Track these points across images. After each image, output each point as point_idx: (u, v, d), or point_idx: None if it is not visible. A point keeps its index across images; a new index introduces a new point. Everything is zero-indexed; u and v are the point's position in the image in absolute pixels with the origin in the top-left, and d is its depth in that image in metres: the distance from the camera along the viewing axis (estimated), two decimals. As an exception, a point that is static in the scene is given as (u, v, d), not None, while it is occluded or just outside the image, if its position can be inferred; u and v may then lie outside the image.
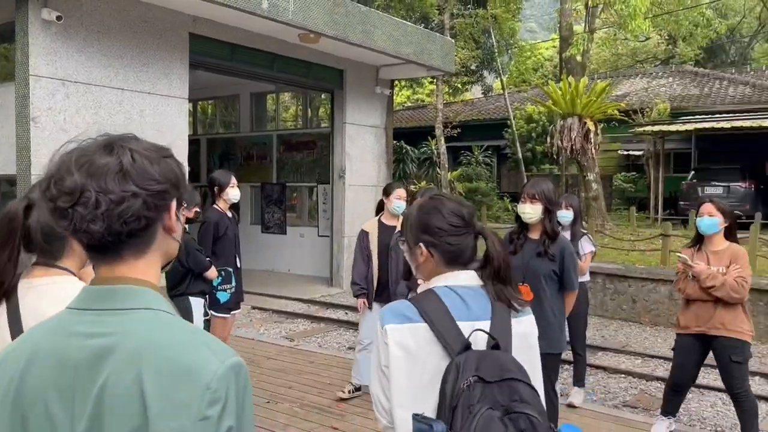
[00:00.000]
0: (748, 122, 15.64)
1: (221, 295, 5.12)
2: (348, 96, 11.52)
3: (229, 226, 5.13)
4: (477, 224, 1.77)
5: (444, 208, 1.78)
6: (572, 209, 5.59)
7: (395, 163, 20.91)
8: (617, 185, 20.75)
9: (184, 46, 8.60)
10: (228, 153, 14.31)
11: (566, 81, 12.85)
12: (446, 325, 1.63)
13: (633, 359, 7.47)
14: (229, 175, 5.19)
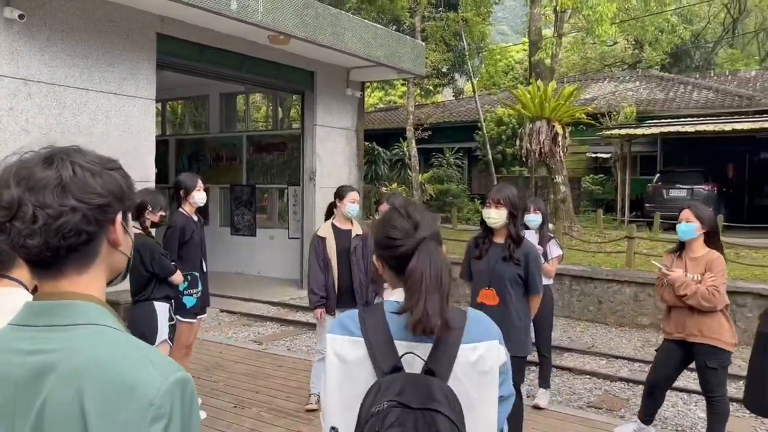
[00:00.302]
0: (711, 126, 16.02)
1: (187, 300, 5.07)
2: (318, 98, 11.49)
3: (195, 230, 5.07)
4: (419, 236, 1.65)
5: (389, 219, 1.73)
6: (540, 213, 5.65)
7: (367, 165, 20.94)
8: (586, 187, 21.05)
9: (151, 47, 8.48)
10: (197, 154, 14.16)
11: (535, 85, 13.01)
12: (381, 343, 1.60)
13: (598, 360, 7.58)
14: (196, 179, 5.13)
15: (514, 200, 3.83)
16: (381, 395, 1.50)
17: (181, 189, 5.03)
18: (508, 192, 3.88)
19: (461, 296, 8.94)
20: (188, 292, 5.05)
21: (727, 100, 19.77)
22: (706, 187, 16.28)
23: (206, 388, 5.89)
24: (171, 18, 8.58)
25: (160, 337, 4.52)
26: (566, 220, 13.21)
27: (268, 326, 9.20)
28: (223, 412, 5.30)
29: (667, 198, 16.55)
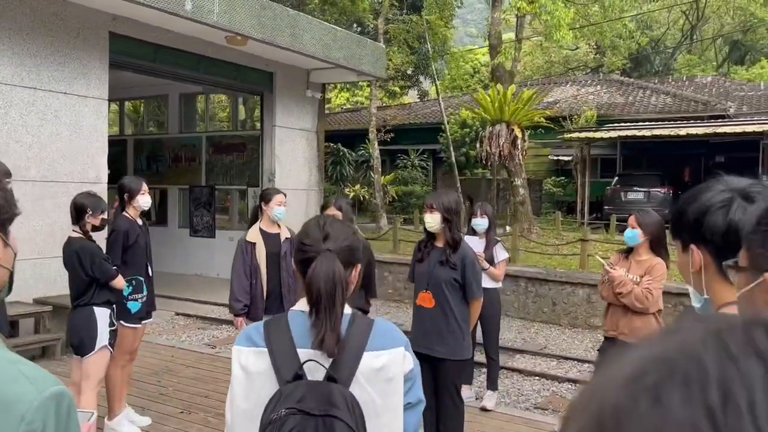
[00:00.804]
0: (667, 131, 16.40)
1: (132, 305, 5.00)
2: (278, 99, 11.44)
3: (140, 234, 5.00)
4: (323, 248, 1.70)
5: (306, 226, 1.80)
6: (487, 217, 5.72)
7: (332, 166, 20.92)
8: (547, 189, 21.37)
9: (103, 46, 8.34)
10: (156, 154, 13.97)
11: (494, 89, 13.15)
12: (284, 352, 1.64)
13: (549, 361, 7.71)
14: (140, 182, 5.05)
15: (448, 205, 3.88)
16: (281, 403, 1.54)
17: (125, 192, 4.96)
18: (444, 198, 3.94)
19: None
20: (133, 297, 4.98)
21: (684, 105, 20.28)
22: (662, 190, 16.68)
23: (154, 393, 5.84)
24: (124, 17, 8.45)
25: (100, 343, 4.46)
26: (525, 222, 13.39)
27: (224, 329, 9.13)
28: (168, 417, 5.25)
29: (624, 200, 16.90)
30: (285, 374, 1.60)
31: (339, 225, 1.80)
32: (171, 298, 10.61)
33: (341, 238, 1.74)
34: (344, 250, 1.72)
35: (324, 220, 1.80)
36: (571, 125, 19.27)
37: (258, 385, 1.63)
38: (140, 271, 5.01)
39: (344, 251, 1.72)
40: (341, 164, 21.32)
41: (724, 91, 22.32)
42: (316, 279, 1.64)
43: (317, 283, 1.64)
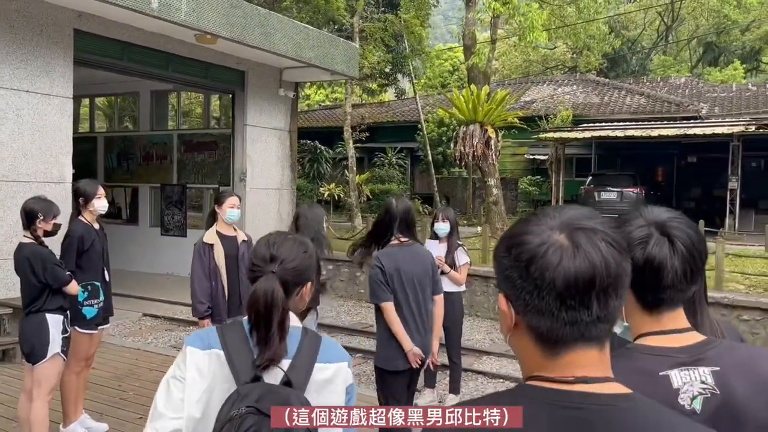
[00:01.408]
0: (640, 132, 16.57)
1: (87, 311, 4.91)
2: (249, 98, 11.36)
3: (96, 239, 4.92)
4: (268, 269, 1.74)
5: (258, 244, 1.83)
6: (449, 222, 5.73)
7: (310, 163, 20.86)
8: (523, 188, 21.49)
9: (67, 43, 8.20)
10: (126, 152, 13.80)
11: (468, 89, 13.18)
12: (242, 356, 1.69)
13: (515, 362, 7.74)
14: (96, 185, 4.97)
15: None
16: (239, 402, 1.59)
17: (80, 196, 4.88)
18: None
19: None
20: (89, 303, 4.90)
21: (658, 105, 20.53)
22: (635, 190, 16.85)
23: (114, 398, 5.77)
24: (89, 14, 8.32)
25: (52, 350, 4.39)
26: (498, 222, 13.45)
27: (191, 331, 9.01)
28: (127, 423, 5.19)
29: (598, 200, 17.05)
30: (243, 376, 1.66)
31: (289, 245, 1.82)
32: (140, 299, 10.50)
33: (288, 260, 1.78)
34: (290, 273, 1.77)
35: (275, 239, 1.83)
36: (547, 125, 19.41)
37: (211, 387, 1.67)
38: (96, 276, 4.93)
39: (290, 273, 1.77)
40: (318, 162, 21.27)
41: (697, 92, 22.63)
42: (254, 300, 1.69)
43: (255, 305, 1.69)
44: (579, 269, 0.97)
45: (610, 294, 0.99)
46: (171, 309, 10.21)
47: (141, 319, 9.58)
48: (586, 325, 0.99)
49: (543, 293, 0.99)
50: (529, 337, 1.03)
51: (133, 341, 8.27)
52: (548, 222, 1.03)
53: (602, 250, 0.98)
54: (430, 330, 4.14)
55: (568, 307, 0.98)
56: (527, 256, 1.00)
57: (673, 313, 1.39)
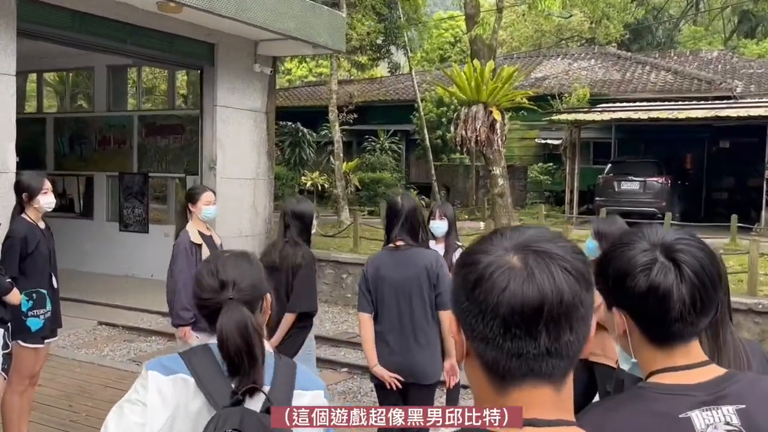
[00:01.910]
0: (666, 113, 16.62)
1: (32, 323, 4.86)
2: (220, 74, 11.31)
3: (41, 241, 4.88)
4: (224, 297, 1.80)
5: (198, 275, 1.89)
6: (446, 219, 5.72)
7: (290, 148, 20.81)
8: (533, 177, 21.53)
9: (10, 12, 8.10)
10: (80, 135, 13.76)
11: (471, 65, 13.15)
12: (215, 381, 1.76)
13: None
14: (41, 179, 4.94)
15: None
16: (221, 425, 1.67)
17: (23, 191, 4.84)
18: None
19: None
20: (33, 313, 4.85)
21: (686, 83, 20.59)
22: (660, 180, 16.91)
23: (63, 420, 5.76)
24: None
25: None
26: (504, 217, 13.46)
27: (153, 342, 9.04)
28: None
29: (618, 191, 17.12)
30: (220, 401, 1.72)
31: (233, 262, 1.89)
32: (95, 304, 10.49)
33: (240, 279, 1.85)
34: (247, 293, 1.84)
35: (215, 264, 1.88)
36: (561, 105, 19.42)
37: (173, 416, 1.72)
38: (42, 283, 4.90)
39: (248, 293, 1.84)
40: (300, 146, 21.22)
41: (731, 68, 22.69)
42: (228, 336, 1.75)
43: (231, 340, 1.74)
44: (526, 295, 0.99)
45: (562, 326, 1.00)
46: (130, 316, 10.18)
47: (96, 329, 9.56)
48: (534, 358, 1.01)
49: (487, 319, 1.01)
50: (479, 368, 1.06)
51: (86, 354, 8.26)
52: (504, 242, 1.05)
53: (556, 277, 1.00)
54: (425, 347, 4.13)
55: (513, 337, 1.00)
56: (474, 277, 1.03)
57: (686, 347, 1.39)
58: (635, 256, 1.38)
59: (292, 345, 4.63)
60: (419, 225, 4.20)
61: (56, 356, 7.74)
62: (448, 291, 4.18)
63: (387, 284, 4.07)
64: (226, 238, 11.80)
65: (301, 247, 4.60)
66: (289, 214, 4.69)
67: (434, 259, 4.21)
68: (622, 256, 1.40)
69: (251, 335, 1.76)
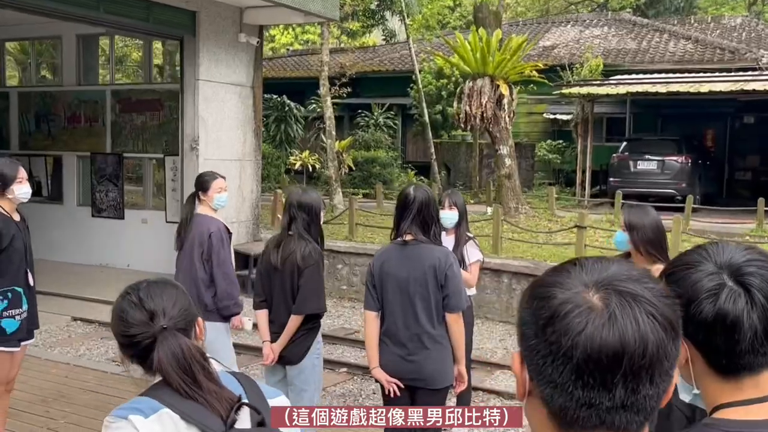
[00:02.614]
0: (686, 86, 16.62)
1: (7, 324, 4.85)
2: (202, 45, 11.22)
3: (17, 234, 4.86)
4: (156, 328, 1.80)
5: (120, 311, 1.86)
6: (456, 209, 5.71)
7: (275, 124, 20.74)
8: (541, 155, 21.54)
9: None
10: (47, 112, 13.66)
11: (476, 34, 13.10)
12: (195, 409, 1.77)
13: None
14: (16, 167, 4.91)
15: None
16: None
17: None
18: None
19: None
20: (8, 314, 4.84)
21: (708, 53, 20.58)
22: (679, 159, 16.96)
23: (40, 428, 5.77)
24: (-2, -60, 8.13)
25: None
26: (512, 201, 13.50)
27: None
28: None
29: (634, 171, 17.18)
30: (214, 427, 1.74)
31: (156, 289, 1.89)
32: (67, 297, 10.48)
33: (170, 307, 1.86)
34: (180, 319, 1.86)
35: (136, 294, 1.87)
36: (572, 77, 19.40)
37: None
38: (17, 281, 4.88)
39: (181, 319, 1.86)
40: (287, 122, 21.14)
41: (756, 36, 22.67)
42: (168, 370, 1.76)
43: (172, 375, 1.76)
44: (605, 341, 0.96)
45: (642, 379, 0.98)
46: (107, 311, 10.04)
47: (69, 325, 9.55)
48: (608, 410, 0.98)
49: (557, 362, 0.99)
50: (543, 412, 1.03)
51: (61, 353, 8.26)
52: (583, 277, 1.03)
53: (640, 323, 0.97)
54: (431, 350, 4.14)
55: (585, 385, 0.98)
56: (547, 314, 1.00)
57: (756, 378, 1.35)
58: (700, 280, 1.35)
59: (299, 348, 4.64)
60: (432, 220, 4.19)
61: (29, 356, 7.65)
62: (457, 292, 4.18)
63: (392, 281, 4.10)
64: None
65: (308, 243, 4.58)
66: (294, 205, 4.66)
67: (443, 257, 4.18)
68: (685, 280, 1.37)
69: (191, 364, 1.77)
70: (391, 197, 17.97)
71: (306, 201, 4.70)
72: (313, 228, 4.68)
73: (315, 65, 24.72)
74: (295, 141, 21.54)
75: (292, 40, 34.05)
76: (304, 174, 19.83)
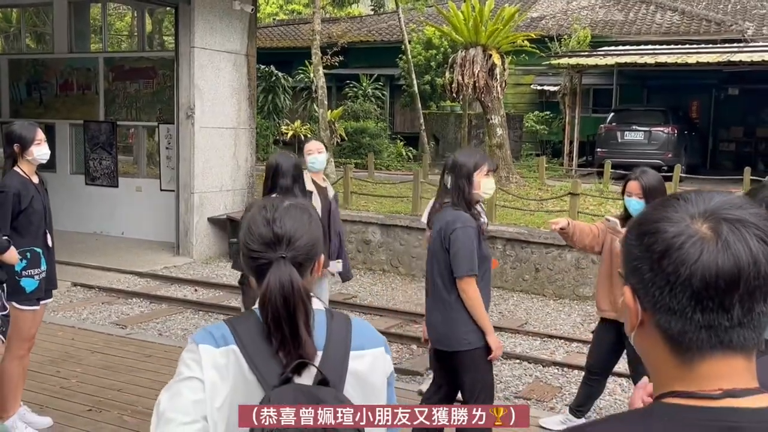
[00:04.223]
0: (673, 57, 16.79)
1: (27, 283, 4.91)
2: (197, 12, 11.21)
3: (36, 196, 4.90)
4: (276, 255, 1.75)
5: (251, 221, 1.82)
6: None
7: (264, 94, 20.70)
8: (529, 126, 21.70)
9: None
10: (39, 80, 13.58)
11: (469, 3, 13.15)
12: (264, 355, 1.73)
13: (531, 340, 8.05)
14: (34, 128, 4.92)
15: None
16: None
17: (14, 142, 4.84)
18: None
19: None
20: (28, 273, 4.88)
21: (694, 24, 20.75)
22: (666, 129, 17.18)
23: (54, 387, 5.88)
24: None
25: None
26: (503, 170, 13.65)
27: (134, 304, 9.14)
28: (74, 417, 5.31)
29: (621, 142, 17.38)
30: (270, 379, 1.70)
31: (292, 216, 1.82)
32: (66, 264, 10.48)
33: (297, 237, 1.78)
34: (302, 253, 1.78)
35: (272, 211, 1.81)
36: (560, 48, 19.51)
37: (234, 389, 1.71)
38: (37, 242, 4.94)
39: (302, 253, 1.78)
40: (275, 92, 21.14)
41: (742, 7, 22.86)
42: (269, 297, 1.71)
43: (271, 302, 1.70)
44: (722, 267, 1.01)
45: (756, 298, 1.03)
46: (105, 277, 10.27)
47: (70, 290, 9.62)
48: (726, 330, 1.04)
49: (676, 291, 1.03)
50: (658, 339, 1.09)
51: (65, 317, 8.34)
52: (689, 209, 1.07)
53: (752, 247, 1.02)
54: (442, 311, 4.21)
55: (704, 309, 1.03)
56: (661, 248, 1.05)
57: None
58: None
59: None
60: (463, 185, 4.11)
61: (35, 321, 7.84)
62: (457, 256, 4.06)
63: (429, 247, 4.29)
64: (205, 192, 11.95)
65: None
66: (279, 171, 5.32)
67: (451, 220, 4.14)
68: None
69: (296, 303, 1.72)
70: (379, 167, 18.11)
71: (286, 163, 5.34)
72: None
73: (302, 35, 24.64)
74: (283, 111, 21.54)
75: (277, 9, 33.82)
76: (295, 145, 19.86)
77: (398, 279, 11.02)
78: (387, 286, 10.64)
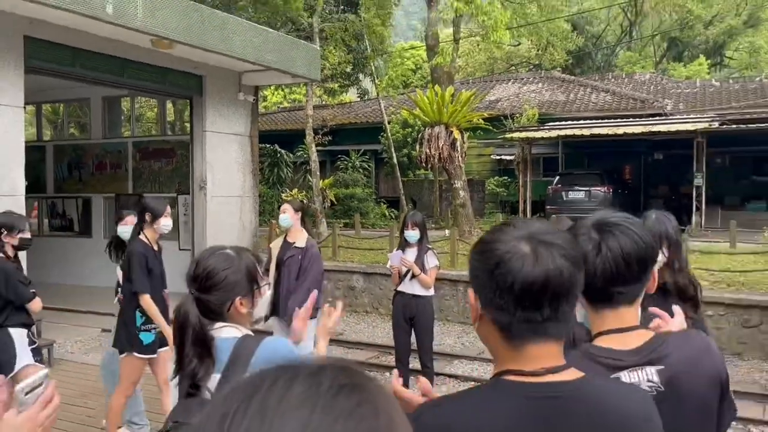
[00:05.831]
0: (606, 129, 17.19)
1: (144, 336, 4.86)
2: (208, 103, 11.51)
3: (155, 261, 4.87)
4: (193, 287, 1.95)
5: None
6: (417, 228, 6.03)
7: (269, 168, 20.96)
8: (491, 189, 21.98)
9: (18, 50, 8.26)
10: (78, 161, 13.79)
11: (432, 90, 13.54)
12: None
13: (486, 365, 8.10)
14: (165, 203, 4.95)
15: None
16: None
17: (146, 212, 4.82)
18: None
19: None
20: (146, 328, 4.84)
21: (623, 102, 21.26)
22: (603, 189, 17.45)
23: (81, 416, 5.90)
24: (41, 20, 8.39)
25: (21, 363, 4.53)
26: (466, 225, 13.84)
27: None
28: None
29: (566, 200, 17.62)
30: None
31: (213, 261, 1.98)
32: (97, 314, 10.51)
33: (210, 278, 1.96)
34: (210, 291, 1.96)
35: (200, 255, 2.04)
36: (513, 124, 19.92)
37: None
38: (156, 301, 4.85)
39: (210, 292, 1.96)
40: (279, 167, 21.40)
41: (662, 88, 23.47)
42: (173, 321, 1.91)
43: (173, 326, 1.90)
44: (536, 276, 1.15)
45: (561, 300, 1.17)
46: (131, 324, 10.30)
47: (100, 335, 9.62)
48: (539, 323, 1.18)
49: (504, 293, 1.17)
50: (493, 329, 1.23)
51: (94, 357, 8.34)
52: (516, 233, 1.21)
53: (557, 262, 1.16)
54: None
55: (523, 308, 1.17)
56: (494, 261, 1.19)
57: (616, 312, 1.49)
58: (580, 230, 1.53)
59: None
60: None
61: (68, 361, 7.90)
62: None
63: None
64: (216, 250, 12.02)
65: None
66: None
67: None
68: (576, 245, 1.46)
69: (186, 328, 1.83)
70: (366, 226, 18.28)
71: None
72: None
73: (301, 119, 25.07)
74: (285, 182, 21.79)
75: (281, 99, 34.45)
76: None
77: (379, 318, 11.07)
78: (369, 325, 10.70)
